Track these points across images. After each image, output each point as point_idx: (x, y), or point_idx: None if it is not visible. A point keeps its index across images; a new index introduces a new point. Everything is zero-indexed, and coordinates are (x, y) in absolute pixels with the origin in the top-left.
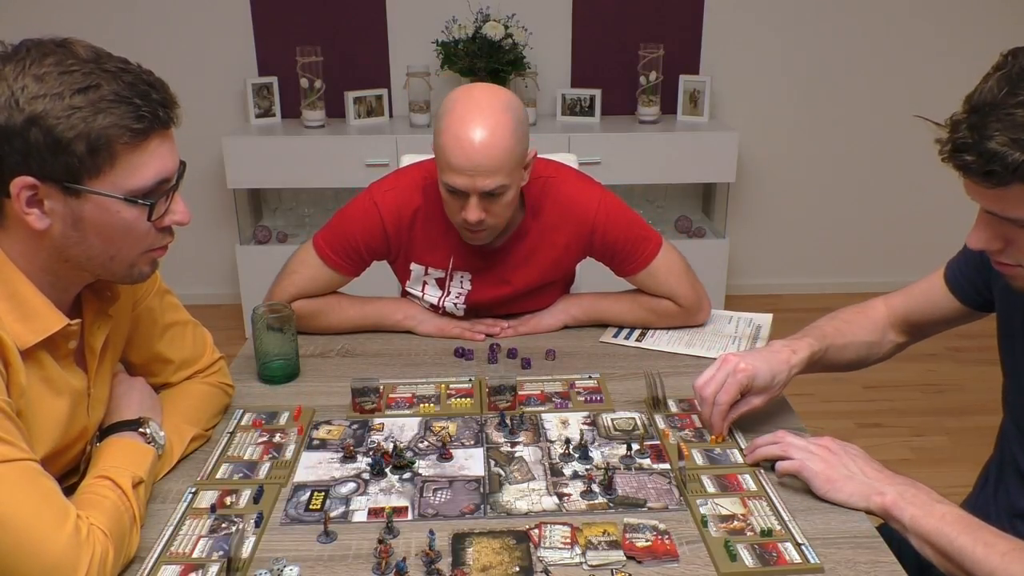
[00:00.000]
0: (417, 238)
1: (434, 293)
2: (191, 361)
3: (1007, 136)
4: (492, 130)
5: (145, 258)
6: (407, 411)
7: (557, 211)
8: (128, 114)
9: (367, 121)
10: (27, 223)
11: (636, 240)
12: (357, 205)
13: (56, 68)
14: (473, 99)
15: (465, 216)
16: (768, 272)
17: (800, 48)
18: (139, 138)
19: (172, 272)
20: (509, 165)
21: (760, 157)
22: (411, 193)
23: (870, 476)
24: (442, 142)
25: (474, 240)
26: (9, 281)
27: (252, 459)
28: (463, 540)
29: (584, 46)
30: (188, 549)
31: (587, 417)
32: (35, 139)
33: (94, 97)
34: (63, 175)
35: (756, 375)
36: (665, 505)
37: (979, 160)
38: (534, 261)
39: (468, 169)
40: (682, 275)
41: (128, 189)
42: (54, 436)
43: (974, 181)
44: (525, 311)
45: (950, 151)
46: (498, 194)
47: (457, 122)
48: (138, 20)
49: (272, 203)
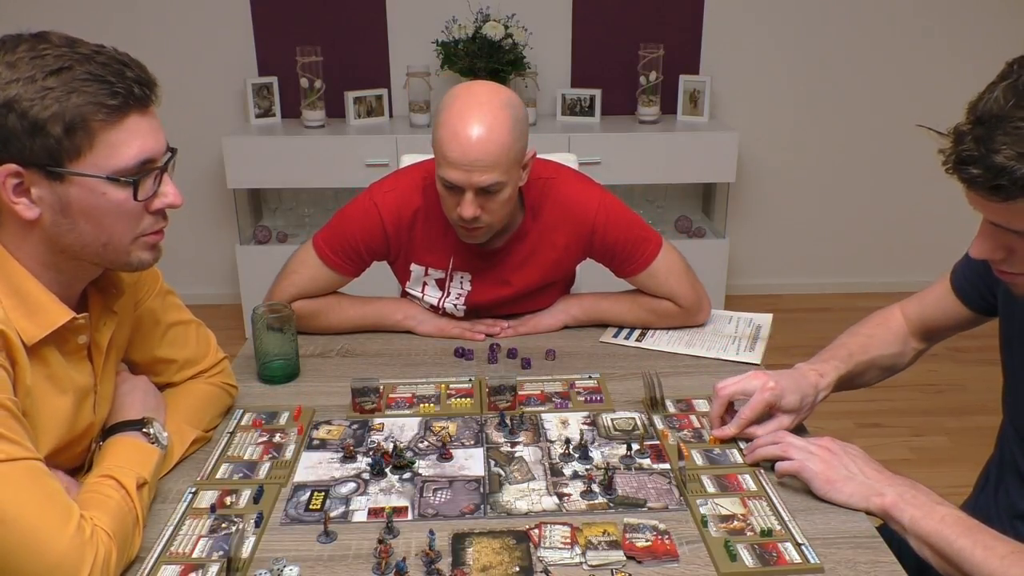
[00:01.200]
0: (417, 239)
1: (434, 294)
2: (194, 361)
3: (1014, 150)
4: (490, 126)
5: (141, 243)
6: (407, 411)
7: (557, 212)
8: (102, 91)
9: (367, 121)
10: (17, 214)
11: (636, 241)
12: (357, 205)
13: (28, 54)
14: (473, 95)
15: (460, 212)
16: (768, 272)
17: (800, 48)
18: (115, 115)
19: (172, 272)
20: (506, 162)
21: (760, 157)
22: (411, 193)
23: (870, 477)
24: (440, 136)
25: (471, 238)
26: (13, 277)
27: (252, 459)
28: (463, 540)
29: (584, 46)
30: (188, 549)
31: (587, 417)
32: (12, 124)
33: (67, 78)
34: (44, 159)
35: (784, 395)
36: (665, 505)
37: (986, 174)
38: (534, 262)
39: (464, 164)
40: (682, 276)
41: (111, 169)
42: (58, 433)
43: (979, 195)
44: (525, 312)
45: (955, 163)
46: (494, 191)
47: (455, 116)
48: (138, 20)
49: (272, 203)
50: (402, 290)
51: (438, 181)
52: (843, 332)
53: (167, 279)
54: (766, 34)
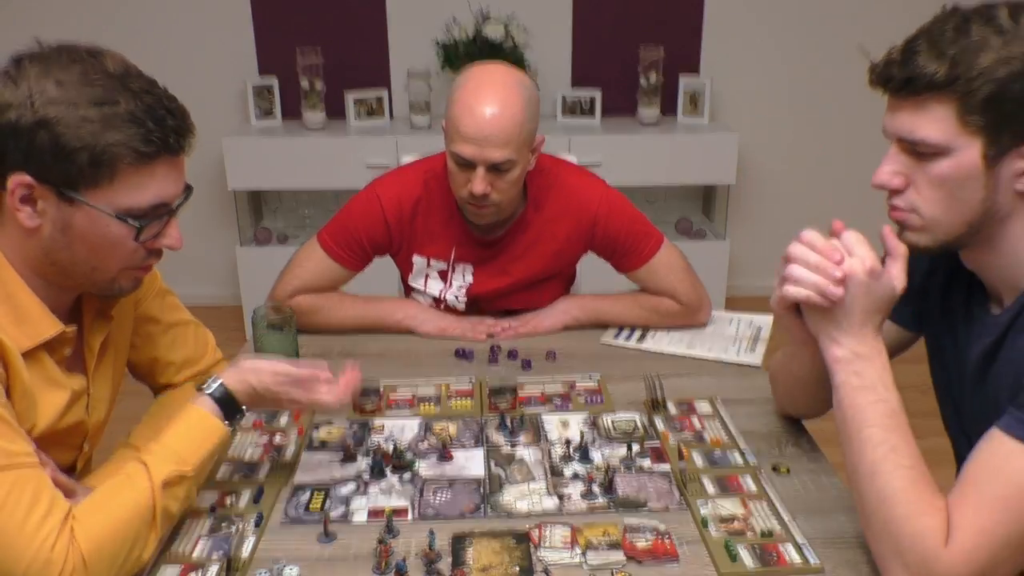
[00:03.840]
0: (419, 229)
1: (436, 286)
2: (193, 361)
3: (933, 51)
4: (504, 102)
5: (127, 274)
6: (407, 412)
7: (559, 203)
8: (137, 136)
9: (367, 122)
10: (18, 219)
11: (638, 235)
12: (360, 198)
13: (80, 78)
14: (488, 73)
15: (471, 188)
16: (768, 273)
17: (801, 49)
18: (144, 161)
19: (172, 273)
20: (518, 140)
21: (760, 159)
22: (412, 185)
23: (850, 323)
24: (455, 112)
25: (479, 217)
26: (6, 284)
27: (252, 459)
28: (463, 540)
29: (584, 46)
30: (188, 549)
31: (587, 418)
32: (41, 141)
33: (108, 112)
34: (61, 181)
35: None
36: (665, 506)
37: (901, 71)
38: (535, 252)
39: (478, 139)
40: (683, 273)
41: (122, 207)
42: (45, 424)
43: (894, 97)
44: (526, 307)
45: (879, 70)
46: (505, 169)
47: (471, 93)
48: (138, 20)
49: (272, 204)
50: (404, 286)
51: (450, 159)
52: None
53: (167, 280)
54: (766, 35)
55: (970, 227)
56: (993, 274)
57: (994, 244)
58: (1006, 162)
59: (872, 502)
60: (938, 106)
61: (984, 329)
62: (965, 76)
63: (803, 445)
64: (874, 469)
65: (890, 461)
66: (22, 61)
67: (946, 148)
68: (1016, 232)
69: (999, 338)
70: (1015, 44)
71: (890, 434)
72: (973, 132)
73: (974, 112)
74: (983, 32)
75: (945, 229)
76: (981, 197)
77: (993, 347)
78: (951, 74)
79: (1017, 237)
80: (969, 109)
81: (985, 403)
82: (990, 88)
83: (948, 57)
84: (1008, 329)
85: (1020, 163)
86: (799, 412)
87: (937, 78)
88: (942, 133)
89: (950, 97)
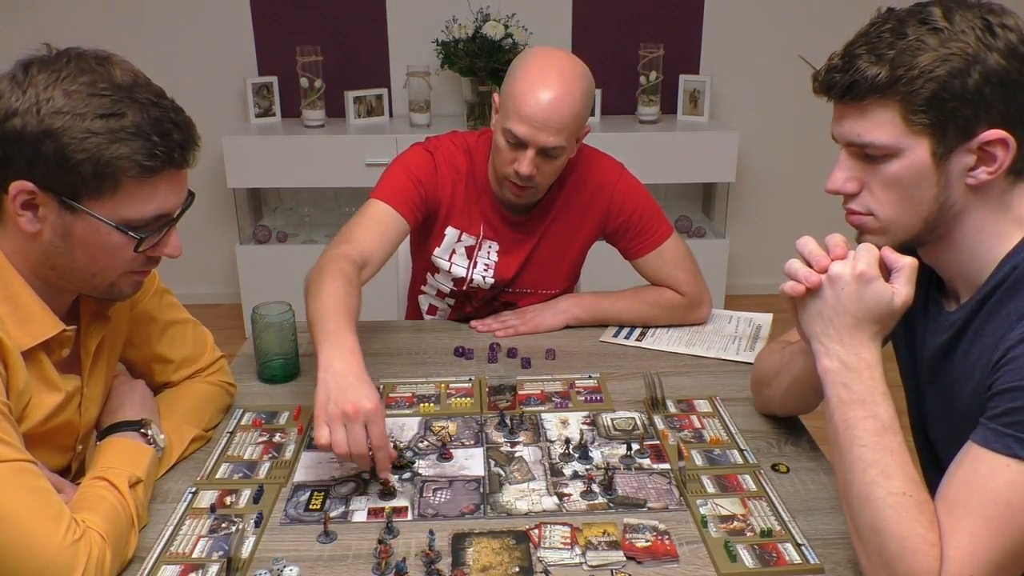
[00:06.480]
0: (459, 197)
1: (462, 263)
2: (191, 360)
3: (873, 55)
4: (567, 90)
5: (127, 279)
6: (407, 411)
7: (579, 178)
8: (142, 149)
9: (367, 121)
10: (18, 224)
11: (651, 217)
12: (411, 153)
13: (87, 88)
14: (554, 57)
15: (518, 167)
16: (768, 272)
17: (801, 48)
18: (147, 174)
19: (172, 272)
20: (571, 129)
21: (760, 157)
22: (458, 154)
23: (836, 329)
24: (516, 90)
25: (517, 197)
26: (8, 284)
27: (252, 459)
28: (463, 540)
29: (584, 46)
30: (188, 549)
31: (587, 417)
32: (45, 151)
33: (114, 125)
34: (63, 190)
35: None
36: (665, 505)
37: (843, 76)
38: (556, 228)
39: (536, 121)
40: (689, 263)
41: (123, 218)
42: (32, 423)
43: (839, 103)
44: (537, 290)
45: (822, 77)
46: (554, 155)
47: (536, 74)
48: (138, 20)
49: (272, 203)
50: (417, 270)
51: (502, 135)
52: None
53: (166, 279)
54: (766, 34)
55: (926, 224)
56: (952, 269)
57: (951, 239)
58: (954, 158)
59: (865, 531)
60: (882, 109)
61: (938, 327)
62: (906, 77)
63: (803, 444)
64: (866, 493)
65: (881, 487)
66: (31, 67)
67: (895, 149)
68: (971, 225)
69: (953, 336)
70: (952, 42)
71: (880, 454)
72: (919, 132)
73: (918, 112)
74: (919, 32)
75: (903, 228)
76: (934, 194)
77: (948, 344)
78: (892, 76)
79: (973, 229)
80: (913, 109)
81: (940, 401)
82: (932, 87)
83: (888, 59)
84: (963, 328)
85: (968, 158)
86: (787, 411)
87: (879, 81)
88: (889, 135)
89: (893, 99)
